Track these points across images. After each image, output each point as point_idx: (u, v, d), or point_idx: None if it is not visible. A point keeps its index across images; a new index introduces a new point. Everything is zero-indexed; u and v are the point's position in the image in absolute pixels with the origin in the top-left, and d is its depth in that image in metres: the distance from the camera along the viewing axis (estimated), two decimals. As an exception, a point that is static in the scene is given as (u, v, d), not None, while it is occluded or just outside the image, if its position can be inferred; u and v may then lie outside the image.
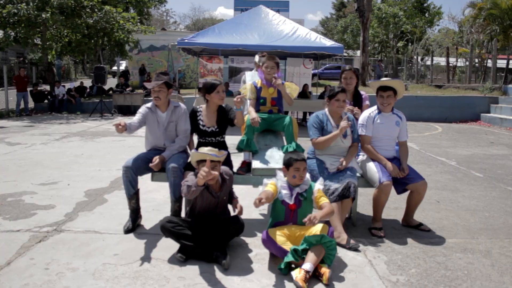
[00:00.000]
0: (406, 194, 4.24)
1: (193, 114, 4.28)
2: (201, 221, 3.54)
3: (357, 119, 4.34)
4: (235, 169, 4.26)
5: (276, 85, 4.43)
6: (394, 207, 4.94)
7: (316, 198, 3.50)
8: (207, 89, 4.17)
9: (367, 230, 4.17)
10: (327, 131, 4.07)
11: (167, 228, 3.46)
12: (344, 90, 4.09)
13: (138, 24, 19.32)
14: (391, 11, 31.64)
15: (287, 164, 3.51)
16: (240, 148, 4.36)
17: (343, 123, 3.93)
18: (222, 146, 4.23)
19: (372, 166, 4.12)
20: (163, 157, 4.02)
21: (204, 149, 3.54)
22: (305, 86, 14.65)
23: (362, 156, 4.31)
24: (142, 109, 4.25)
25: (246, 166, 4.38)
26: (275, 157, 4.31)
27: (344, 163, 3.99)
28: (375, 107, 4.30)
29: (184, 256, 3.39)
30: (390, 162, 4.08)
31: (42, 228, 4.09)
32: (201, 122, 4.24)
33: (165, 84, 4.15)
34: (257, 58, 5.79)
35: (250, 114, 4.33)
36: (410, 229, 4.24)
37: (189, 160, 4.22)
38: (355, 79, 4.65)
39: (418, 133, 12.13)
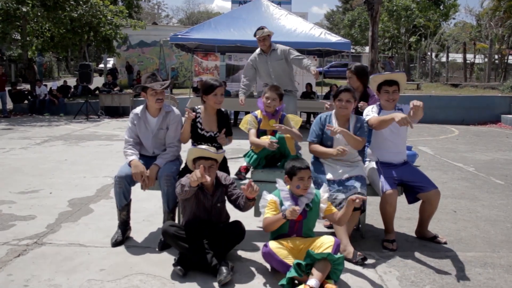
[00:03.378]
0: (419, 203, 4.24)
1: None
2: (197, 226, 3.55)
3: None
4: (232, 175, 4.26)
5: (280, 131, 4.14)
6: (407, 217, 4.94)
7: (325, 210, 3.51)
8: (205, 90, 4.18)
9: (378, 242, 4.16)
10: (327, 134, 4.09)
11: (170, 233, 3.46)
12: (349, 89, 4.08)
13: (127, 18, 19.38)
14: (402, 4, 31.68)
15: (290, 173, 3.50)
16: (246, 160, 4.34)
17: (339, 149, 3.82)
18: None
19: (375, 174, 4.14)
20: (156, 167, 4.05)
21: (202, 146, 3.65)
22: (309, 85, 14.68)
23: (367, 163, 4.31)
24: (130, 118, 4.28)
25: (245, 172, 4.39)
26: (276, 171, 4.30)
27: (342, 150, 3.87)
28: (374, 105, 4.31)
29: (184, 270, 3.38)
30: (398, 113, 3.89)
31: (22, 241, 4.08)
32: (199, 125, 4.24)
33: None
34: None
35: (258, 143, 4.18)
36: (425, 241, 4.23)
37: (182, 167, 4.23)
38: (355, 79, 4.72)
39: (432, 136, 12.14)
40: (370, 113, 4.19)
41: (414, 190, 4.14)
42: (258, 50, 6.97)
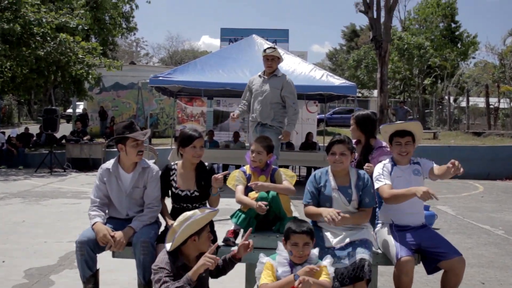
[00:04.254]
0: (440, 273, 4.19)
1: (166, 173, 4.32)
2: None
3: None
4: (220, 240, 4.22)
5: (257, 189, 4.21)
6: (426, 290, 4.88)
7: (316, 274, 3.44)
8: (182, 141, 4.24)
9: (392, 321, 4.09)
10: (324, 194, 4.10)
11: None
12: (342, 141, 4.12)
13: (101, 56, 19.69)
14: (414, 41, 32.49)
15: (285, 236, 3.52)
16: (234, 221, 4.31)
17: (331, 215, 3.75)
18: None
19: (388, 238, 4.11)
20: (131, 230, 4.01)
21: (198, 213, 3.48)
22: (309, 135, 14.79)
23: (380, 225, 4.30)
24: (99, 175, 4.26)
25: (234, 236, 4.35)
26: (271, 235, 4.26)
27: (338, 218, 3.82)
28: (387, 159, 4.35)
29: None
30: (419, 188, 3.89)
31: (-33, 320, 3.98)
32: (173, 184, 4.27)
33: None
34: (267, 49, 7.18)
35: (245, 203, 4.19)
36: (448, 319, 4.16)
37: (161, 231, 4.19)
38: (355, 128, 4.85)
39: (453, 193, 12.17)
40: (382, 178, 4.19)
41: (434, 257, 4.10)
42: (259, 73, 7.45)
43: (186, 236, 3.44)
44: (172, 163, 4.38)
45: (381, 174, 4.23)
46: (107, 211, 4.23)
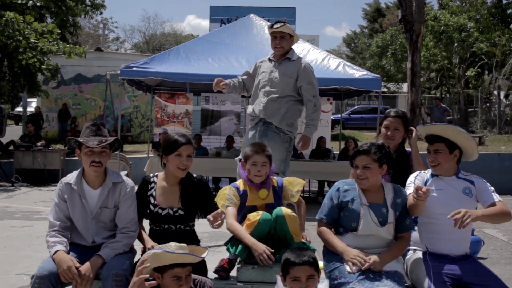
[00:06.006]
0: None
1: (143, 187, 4.34)
2: None
3: None
4: (211, 272, 4.24)
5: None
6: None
7: None
8: (166, 148, 4.24)
9: None
10: (351, 211, 4.08)
11: None
12: (367, 151, 4.10)
13: (59, 41, 19.62)
14: (455, 22, 32.25)
15: (283, 270, 3.53)
16: (231, 250, 4.32)
17: (358, 258, 3.89)
18: (188, 239, 4.21)
19: (420, 269, 4.11)
20: (99, 259, 3.97)
21: (172, 245, 3.50)
22: (322, 140, 14.71)
23: (411, 252, 4.30)
24: (58, 191, 4.24)
25: (229, 266, 4.35)
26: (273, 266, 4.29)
27: (369, 262, 3.86)
28: (424, 171, 4.38)
29: None
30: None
31: None
32: (152, 200, 4.28)
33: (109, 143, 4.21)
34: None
35: (238, 234, 4.20)
36: None
37: (136, 260, 4.20)
38: (403, 132, 4.81)
39: (504, 213, 12.11)
40: (412, 186, 4.18)
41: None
42: (269, 55, 7.09)
43: (152, 266, 3.47)
44: (151, 175, 4.38)
45: (412, 182, 4.25)
46: (69, 236, 4.18)
